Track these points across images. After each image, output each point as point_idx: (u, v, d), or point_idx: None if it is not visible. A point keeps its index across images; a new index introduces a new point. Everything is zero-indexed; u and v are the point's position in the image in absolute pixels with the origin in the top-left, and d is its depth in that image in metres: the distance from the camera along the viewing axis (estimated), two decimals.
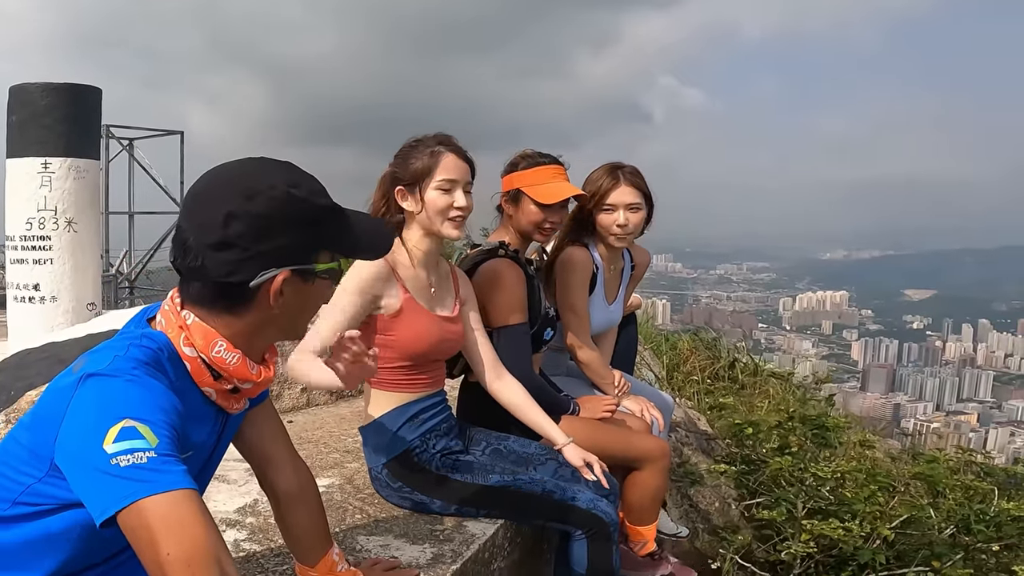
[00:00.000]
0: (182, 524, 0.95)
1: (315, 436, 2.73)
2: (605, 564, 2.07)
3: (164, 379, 1.13)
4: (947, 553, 3.39)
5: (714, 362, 7.27)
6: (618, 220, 2.62)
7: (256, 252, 1.16)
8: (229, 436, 1.40)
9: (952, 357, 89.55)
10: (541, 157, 2.44)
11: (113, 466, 0.96)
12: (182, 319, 1.20)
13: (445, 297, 2.16)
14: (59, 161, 2.83)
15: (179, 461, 1.02)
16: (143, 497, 0.95)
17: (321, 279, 1.25)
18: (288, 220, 1.18)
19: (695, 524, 3.63)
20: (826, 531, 2.87)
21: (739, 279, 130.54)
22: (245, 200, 1.15)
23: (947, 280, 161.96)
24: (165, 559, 0.93)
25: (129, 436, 0.99)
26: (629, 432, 2.43)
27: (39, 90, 2.81)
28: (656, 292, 35.31)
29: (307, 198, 1.20)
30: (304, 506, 1.55)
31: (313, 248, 1.22)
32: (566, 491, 2.06)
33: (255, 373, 1.25)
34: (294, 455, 1.56)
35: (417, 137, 2.09)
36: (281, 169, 1.23)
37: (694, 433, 4.05)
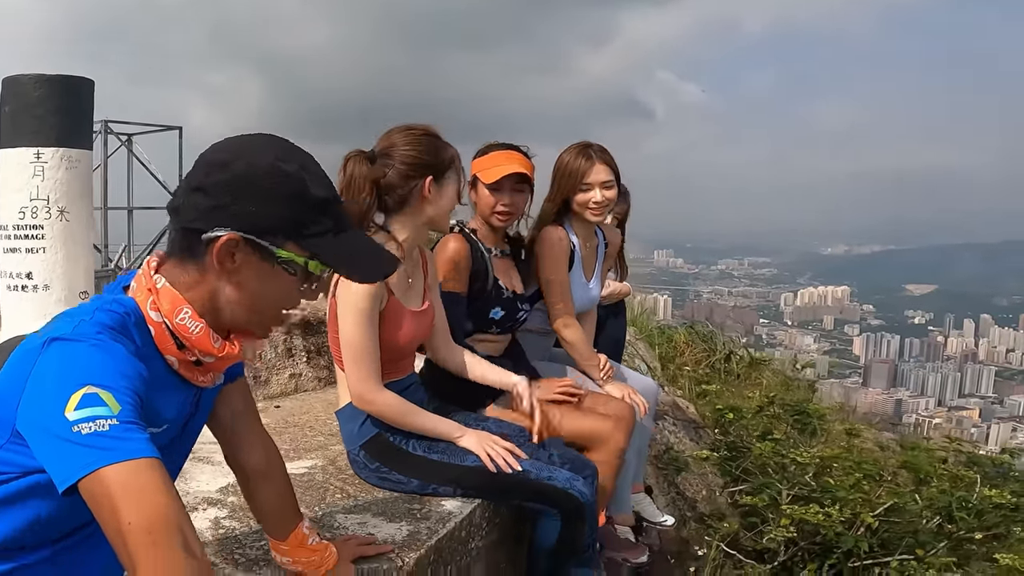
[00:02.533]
0: (143, 492, 0.95)
1: (301, 420, 2.77)
2: (576, 541, 2.11)
3: (130, 344, 1.12)
4: (931, 541, 3.44)
5: (710, 355, 7.31)
6: (595, 197, 2.72)
7: (220, 205, 1.15)
8: (205, 411, 1.39)
9: (954, 352, 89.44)
10: (497, 145, 2.55)
11: (75, 433, 0.96)
12: (152, 283, 1.19)
13: (418, 288, 2.20)
14: (51, 151, 2.86)
15: (142, 429, 1.01)
16: (105, 465, 0.95)
17: (284, 270, 1.18)
18: (261, 189, 1.15)
19: (682, 512, 3.68)
20: (806, 516, 2.91)
21: (740, 274, 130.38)
22: (235, 158, 1.16)
23: (949, 275, 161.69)
24: (126, 527, 0.93)
25: (91, 403, 0.98)
26: (581, 412, 2.43)
27: (32, 81, 2.84)
28: (657, 287, 35.41)
29: (294, 177, 1.17)
30: (271, 483, 1.55)
31: (280, 230, 1.16)
32: (543, 471, 2.10)
33: (218, 347, 1.22)
34: (262, 432, 1.56)
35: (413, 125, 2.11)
36: (288, 148, 1.21)
37: (682, 421, 4.09)
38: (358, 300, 1.97)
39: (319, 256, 1.19)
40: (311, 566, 1.60)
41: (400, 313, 2.09)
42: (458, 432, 2.11)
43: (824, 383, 8.64)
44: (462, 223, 2.54)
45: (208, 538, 1.79)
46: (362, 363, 1.98)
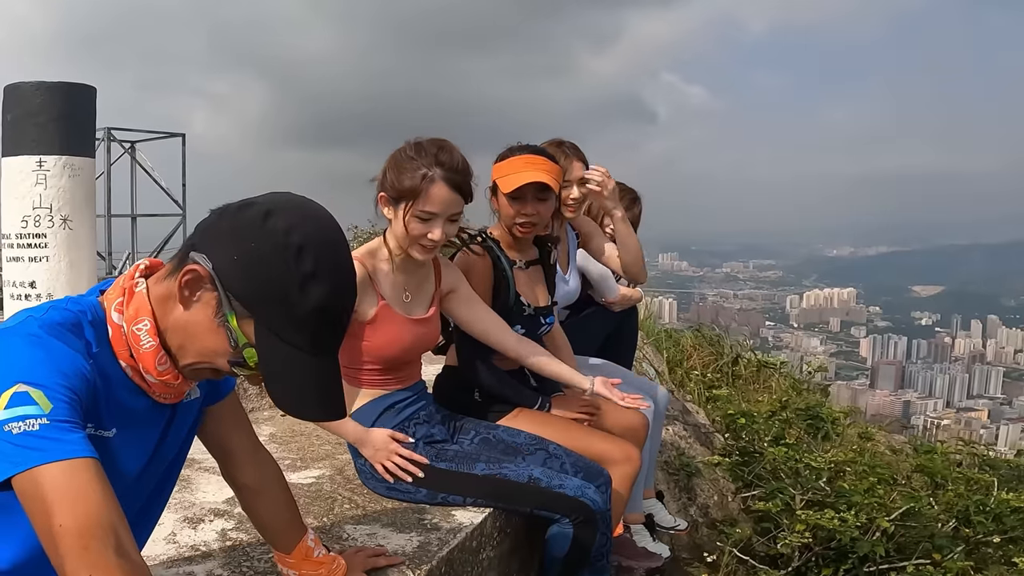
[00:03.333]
0: (76, 495, 0.92)
1: (307, 429, 2.74)
2: (586, 550, 2.07)
3: (78, 343, 1.08)
4: (948, 545, 3.38)
5: (717, 358, 7.25)
6: (571, 194, 2.73)
7: (220, 239, 1.10)
8: (181, 428, 1.32)
9: (962, 353, 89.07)
10: (520, 148, 2.41)
11: (6, 432, 0.93)
12: (131, 284, 1.16)
13: (422, 296, 2.16)
14: (54, 159, 2.84)
15: (76, 428, 0.98)
16: (35, 465, 0.92)
17: (227, 335, 1.10)
18: (260, 259, 1.07)
19: (694, 518, 3.63)
20: (821, 522, 2.86)
21: (745, 277, 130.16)
22: (270, 210, 1.09)
23: (955, 276, 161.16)
24: (57, 530, 0.91)
25: (20, 402, 0.95)
26: (590, 434, 2.38)
27: (33, 88, 2.83)
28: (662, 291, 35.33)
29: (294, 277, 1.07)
30: (268, 498, 1.51)
31: (249, 305, 1.08)
32: (553, 479, 2.06)
33: (161, 369, 1.15)
34: (256, 447, 1.52)
35: (420, 142, 2.02)
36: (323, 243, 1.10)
37: (692, 426, 4.04)
38: None
39: (260, 354, 1.09)
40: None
41: (391, 319, 2.05)
42: (355, 437, 2.08)
43: (832, 385, 8.57)
44: (484, 232, 2.44)
45: (215, 549, 1.75)
46: None
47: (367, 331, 2.04)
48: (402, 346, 2.08)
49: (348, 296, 1.15)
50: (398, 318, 2.06)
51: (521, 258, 2.49)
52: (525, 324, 2.45)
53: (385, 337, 2.05)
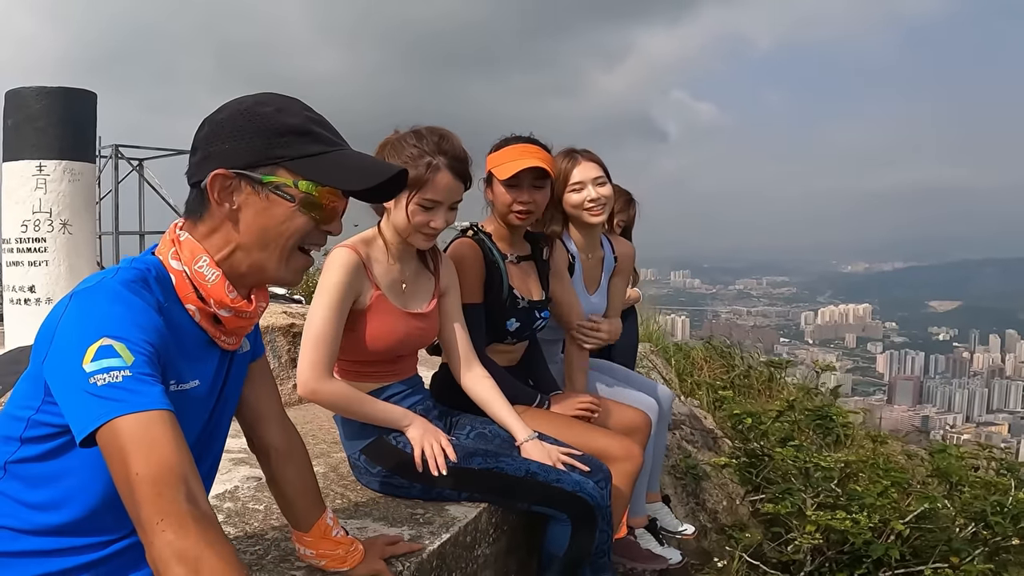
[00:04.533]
0: (152, 444, 0.96)
1: (304, 429, 2.70)
2: (586, 547, 2.01)
3: (150, 298, 1.14)
4: (966, 549, 3.29)
5: (729, 371, 7.18)
6: (589, 195, 2.63)
7: (208, 153, 1.20)
8: (237, 380, 1.38)
9: (980, 368, 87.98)
10: (514, 138, 2.38)
11: (91, 384, 0.98)
12: (176, 235, 1.24)
13: (421, 291, 2.12)
14: (54, 164, 2.86)
15: (155, 381, 1.02)
16: (116, 416, 0.97)
17: (280, 196, 1.19)
18: (241, 127, 1.19)
19: (702, 523, 3.56)
20: (832, 523, 2.78)
21: (759, 294, 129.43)
22: (218, 111, 1.22)
23: (972, 291, 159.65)
24: (134, 477, 0.95)
25: (106, 355, 1.00)
26: (590, 430, 2.32)
27: (34, 94, 2.84)
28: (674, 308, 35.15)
29: (270, 113, 1.20)
30: (293, 464, 1.53)
31: (267, 159, 1.19)
32: (550, 473, 2.01)
33: (232, 298, 1.23)
34: (284, 414, 1.55)
35: (419, 130, 2.01)
36: (265, 94, 1.25)
37: (700, 431, 3.98)
38: (331, 286, 1.91)
39: (306, 175, 1.20)
40: (335, 560, 1.56)
41: (385, 310, 2.01)
42: (407, 420, 2.02)
43: (848, 400, 8.44)
44: (476, 225, 2.42)
45: None
46: (317, 348, 1.89)
47: (360, 320, 2.00)
48: (396, 338, 2.04)
49: (311, 110, 1.26)
50: (393, 310, 2.03)
51: (513, 252, 2.46)
52: (520, 317, 2.41)
53: (379, 328, 2.01)
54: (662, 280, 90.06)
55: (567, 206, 2.67)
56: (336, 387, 1.95)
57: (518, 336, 2.46)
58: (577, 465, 2.07)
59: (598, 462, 2.18)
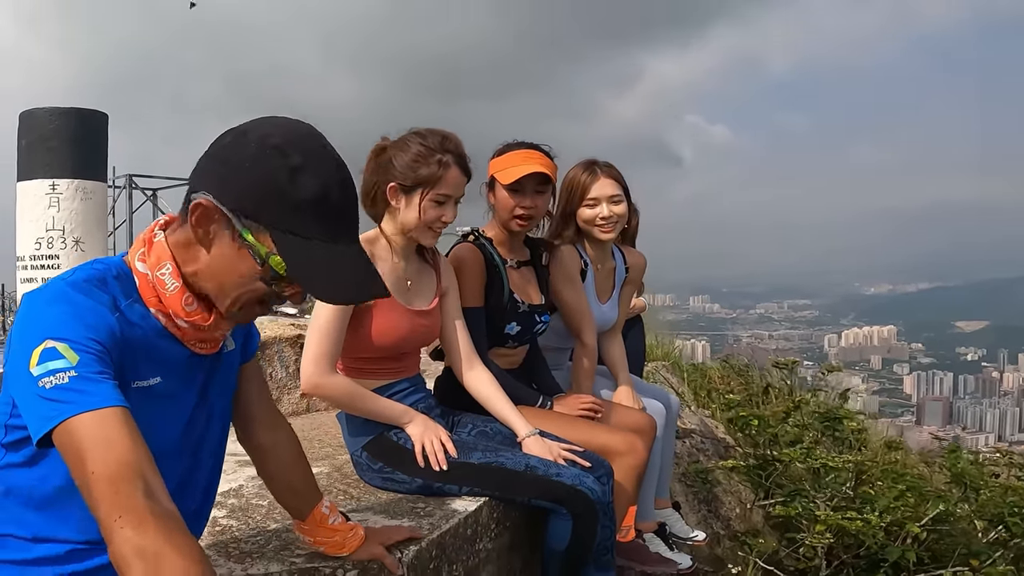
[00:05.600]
0: (107, 442, 0.96)
1: (311, 435, 2.73)
2: (588, 542, 2.01)
3: (104, 296, 1.12)
4: (985, 551, 3.22)
5: (747, 388, 7.09)
6: (602, 213, 2.64)
7: (211, 170, 1.13)
8: (225, 379, 1.36)
9: (1011, 388, 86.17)
10: (517, 144, 2.42)
11: (40, 388, 0.98)
12: (151, 236, 1.21)
13: (424, 289, 2.16)
14: (67, 182, 2.95)
15: (105, 378, 1.01)
16: (68, 417, 0.96)
17: (250, 254, 1.12)
18: (252, 167, 1.09)
19: (716, 530, 3.52)
20: (842, 523, 2.74)
21: (780, 317, 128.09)
22: (247, 130, 1.13)
23: (1000, 310, 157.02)
24: (91, 476, 0.94)
25: (50, 357, 1.00)
26: (592, 427, 2.33)
27: (47, 114, 2.94)
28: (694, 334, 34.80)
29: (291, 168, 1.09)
30: (284, 458, 1.54)
31: (256, 214, 1.10)
32: (550, 467, 2.01)
33: (188, 311, 1.19)
34: (274, 411, 1.55)
35: (420, 131, 2.07)
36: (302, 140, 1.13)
37: (710, 439, 3.95)
38: None
39: (283, 255, 1.10)
40: (333, 546, 1.58)
41: (389, 307, 2.04)
42: (407, 417, 2.04)
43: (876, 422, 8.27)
44: (477, 231, 2.46)
45: (204, 534, 1.73)
46: (321, 343, 1.93)
47: (364, 317, 2.02)
48: (400, 335, 2.07)
49: (343, 176, 1.15)
50: (398, 307, 2.06)
51: (513, 257, 2.49)
52: (521, 321, 2.43)
53: (384, 325, 2.03)
54: (681, 306, 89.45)
55: (580, 219, 2.69)
56: (338, 382, 1.97)
57: (519, 340, 2.47)
58: (579, 461, 2.07)
59: (599, 458, 2.17)
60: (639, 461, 2.31)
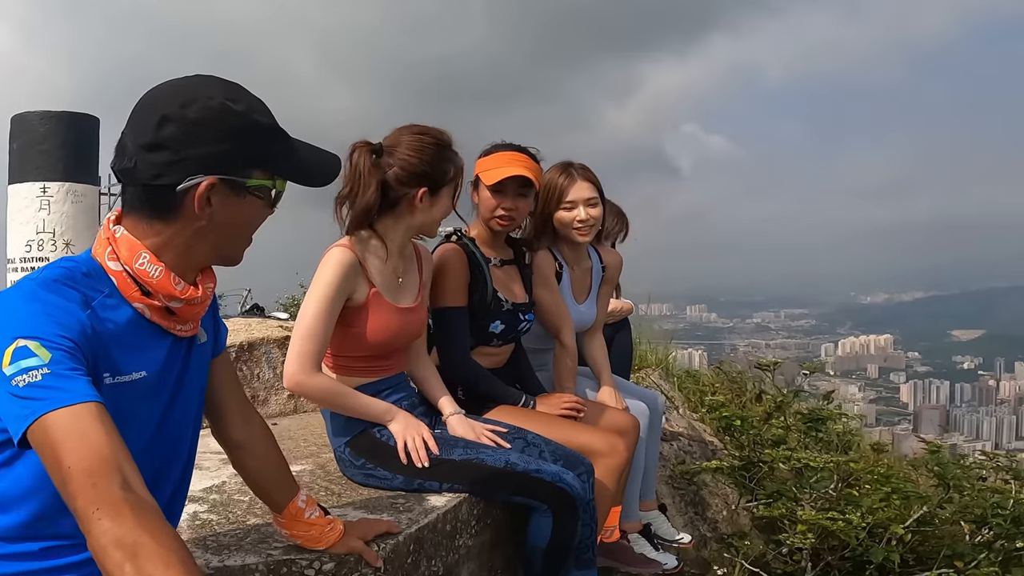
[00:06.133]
0: (82, 436, 0.96)
1: (297, 434, 2.74)
2: (568, 539, 2.03)
3: (73, 294, 1.13)
4: (970, 553, 3.24)
5: (740, 395, 7.10)
6: (579, 216, 2.67)
7: (185, 156, 1.16)
8: (199, 370, 1.38)
9: (1007, 396, 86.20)
10: (504, 145, 2.46)
11: (14, 387, 0.99)
12: (111, 232, 1.21)
13: (410, 285, 2.19)
14: (57, 185, 2.97)
15: (79, 375, 1.03)
16: (43, 414, 0.97)
17: (254, 196, 1.23)
18: (221, 130, 1.17)
19: (702, 532, 3.53)
20: (823, 522, 2.75)
21: (777, 327, 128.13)
22: (181, 107, 1.16)
23: (995, 319, 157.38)
24: (67, 471, 0.95)
25: (22, 355, 1.00)
26: (574, 427, 2.35)
27: (38, 117, 2.97)
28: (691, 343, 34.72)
29: (245, 112, 1.20)
30: (258, 452, 1.55)
31: (246, 162, 1.21)
32: (531, 464, 2.04)
33: (180, 289, 1.22)
34: (245, 405, 1.57)
35: (428, 132, 2.10)
36: (224, 85, 1.22)
37: (697, 442, 3.96)
38: (326, 283, 1.96)
39: (283, 173, 1.27)
40: (310, 540, 1.60)
41: (380, 307, 2.07)
42: (389, 415, 2.07)
43: (873, 430, 8.27)
44: (460, 231, 2.49)
45: (183, 528, 1.75)
46: (306, 342, 1.94)
47: (356, 317, 2.05)
48: (389, 333, 2.09)
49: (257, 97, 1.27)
50: (387, 306, 2.08)
51: (496, 256, 2.52)
52: (504, 320, 2.45)
53: (374, 324, 2.06)
54: (678, 315, 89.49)
55: (556, 222, 2.72)
56: (321, 380, 1.99)
57: (503, 338, 2.50)
58: (500, 443, 2.11)
59: (579, 455, 2.20)
60: (620, 462, 2.33)
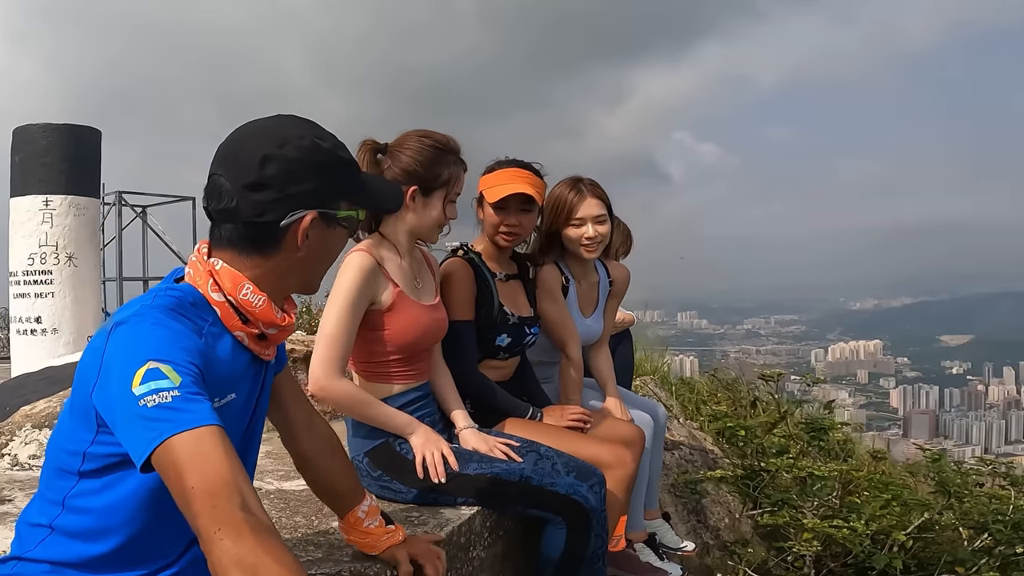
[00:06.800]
0: (206, 458, 1.00)
1: None
2: (581, 550, 2.04)
3: (188, 322, 1.19)
4: (971, 558, 3.27)
5: (735, 403, 7.13)
6: (587, 233, 2.68)
7: (287, 194, 1.23)
8: (268, 391, 1.45)
9: (996, 400, 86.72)
10: (507, 162, 2.48)
11: (142, 407, 1.02)
12: (210, 265, 1.26)
13: (427, 285, 2.21)
14: (60, 198, 2.96)
15: (204, 399, 1.07)
16: (171, 435, 1.01)
17: (341, 227, 1.33)
18: (315, 166, 1.26)
19: (705, 540, 3.55)
20: (828, 530, 2.78)
21: (767, 332, 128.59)
22: (278, 146, 1.23)
23: (984, 324, 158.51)
24: (190, 491, 0.98)
25: (154, 377, 1.04)
26: (582, 439, 2.36)
27: (40, 130, 2.96)
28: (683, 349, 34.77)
29: (331, 149, 1.29)
30: (325, 464, 1.61)
31: (335, 195, 1.30)
32: (545, 477, 2.05)
33: (280, 317, 1.30)
34: (312, 415, 1.61)
35: (429, 135, 2.11)
36: (307, 124, 1.31)
37: (699, 451, 3.98)
38: (347, 288, 1.96)
39: (364, 204, 1.38)
40: (365, 546, 1.66)
41: (407, 304, 2.08)
42: (411, 428, 2.07)
43: (864, 435, 8.33)
44: (466, 245, 2.50)
45: None
46: (330, 347, 1.94)
47: (386, 319, 2.05)
48: (420, 330, 2.10)
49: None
50: (413, 304, 2.09)
51: (501, 271, 2.54)
52: (511, 333, 2.47)
53: (404, 322, 2.07)
54: (669, 321, 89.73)
55: (564, 238, 2.73)
56: (346, 387, 1.99)
57: (509, 352, 2.51)
58: (512, 456, 2.11)
59: (591, 467, 2.20)
60: (628, 473, 2.35)
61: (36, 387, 2.48)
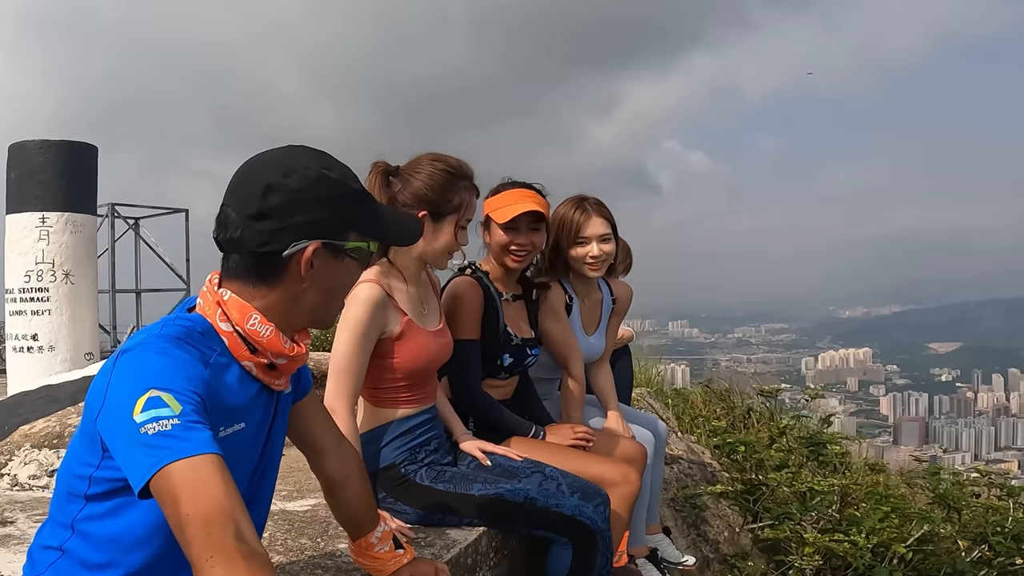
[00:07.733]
0: (202, 486, 1.01)
1: (304, 465, 2.72)
2: (588, 569, 2.03)
3: (195, 352, 1.19)
4: (970, 570, 3.28)
5: (729, 412, 7.13)
6: (592, 252, 2.69)
7: (290, 224, 1.23)
8: (283, 419, 1.44)
9: (985, 407, 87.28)
10: (512, 183, 2.49)
11: (143, 435, 1.03)
12: (219, 295, 1.27)
13: (432, 310, 2.20)
14: (56, 216, 2.94)
15: (204, 427, 1.07)
16: (169, 463, 1.01)
17: (350, 258, 1.31)
18: (321, 197, 1.25)
19: (705, 554, 3.54)
20: (830, 545, 2.78)
21: (758, 341, 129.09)
22: (282, 176, 1.24)
23: (972, 331, 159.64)
24: (185, 518, 0.99)
25: (155, 405, 1.05)
26: (586, 457, 2.36)
27: (36, 147, 2.94)
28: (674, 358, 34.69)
29: (340, 179, 1.29)
30: (348, 491, 1.61)
31: (344, 226, 1.29)
32: (550, 498, 2.04)
33: (288, 348, 1.29)
34: (340, 442, 1.61)
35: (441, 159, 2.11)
36: (317, 154, 1.31)
37: (697, 464, 3.99)
38: (356, 321, 1.95)
39: (375, 236, 1.35)
40: (372, 569, 1.67)
41: (416, 332, 2.08)
42: None
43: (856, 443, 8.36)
44: (475, 265, 2.50)
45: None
46: (342, 378, 1.94)
47: (396, 347, 2.05)
48: (428, 357, 2.10)
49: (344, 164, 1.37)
50: (421, 331, 2.09)
51: (508, 291, 2.55)
52: (513, 353, 2.48)
53: (413, 350, 2.06)
54: (660, 330, 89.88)
55: (570, 257, 2.74)
56: (350, 424, 1.94)
57: (510, 371, 2.53)
58: (510, 454, 2.15)
59: (595, 487, 2.20)
60: (633, 490, 2.35)
61: (34, 406, 2.45)
